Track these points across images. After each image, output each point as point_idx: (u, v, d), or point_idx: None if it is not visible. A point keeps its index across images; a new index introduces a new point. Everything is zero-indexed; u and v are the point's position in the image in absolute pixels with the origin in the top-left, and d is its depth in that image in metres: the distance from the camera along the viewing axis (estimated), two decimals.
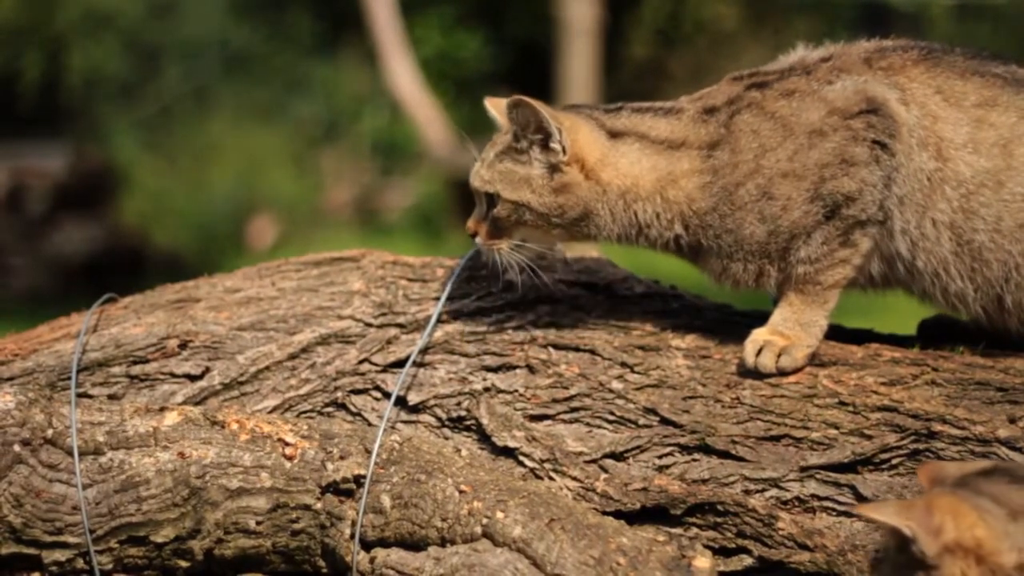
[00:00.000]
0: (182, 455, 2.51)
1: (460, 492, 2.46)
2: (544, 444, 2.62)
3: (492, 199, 2.73)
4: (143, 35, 12.72)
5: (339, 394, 2.74)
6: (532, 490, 2.47)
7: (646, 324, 2.81)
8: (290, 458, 2.52)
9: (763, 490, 2.55)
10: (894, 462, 2.54)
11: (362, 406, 2.73)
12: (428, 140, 12.62)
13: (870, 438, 2.55)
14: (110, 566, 2.51)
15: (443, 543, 2.43)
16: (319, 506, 2.50)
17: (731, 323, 2.82)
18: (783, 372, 2.65)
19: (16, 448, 2.49)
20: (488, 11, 14.24)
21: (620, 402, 2.66)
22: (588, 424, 2.66)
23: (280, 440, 2.54)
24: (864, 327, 2.85)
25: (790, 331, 2.68)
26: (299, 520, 2.50)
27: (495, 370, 2.74)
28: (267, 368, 2.75)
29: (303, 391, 2.74)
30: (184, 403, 2.70)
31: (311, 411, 2.73)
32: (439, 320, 2.79)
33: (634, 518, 2.53)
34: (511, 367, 2.73)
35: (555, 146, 2.68)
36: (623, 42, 14.22)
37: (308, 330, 2.79)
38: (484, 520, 2.41)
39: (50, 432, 2.52)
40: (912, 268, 2.68)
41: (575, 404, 2.67)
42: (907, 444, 2.54)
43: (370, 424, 2.69)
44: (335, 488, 2.50)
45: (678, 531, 2.53)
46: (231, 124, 12.41)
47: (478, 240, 2.77)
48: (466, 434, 2.68)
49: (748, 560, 2.52)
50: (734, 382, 2.67)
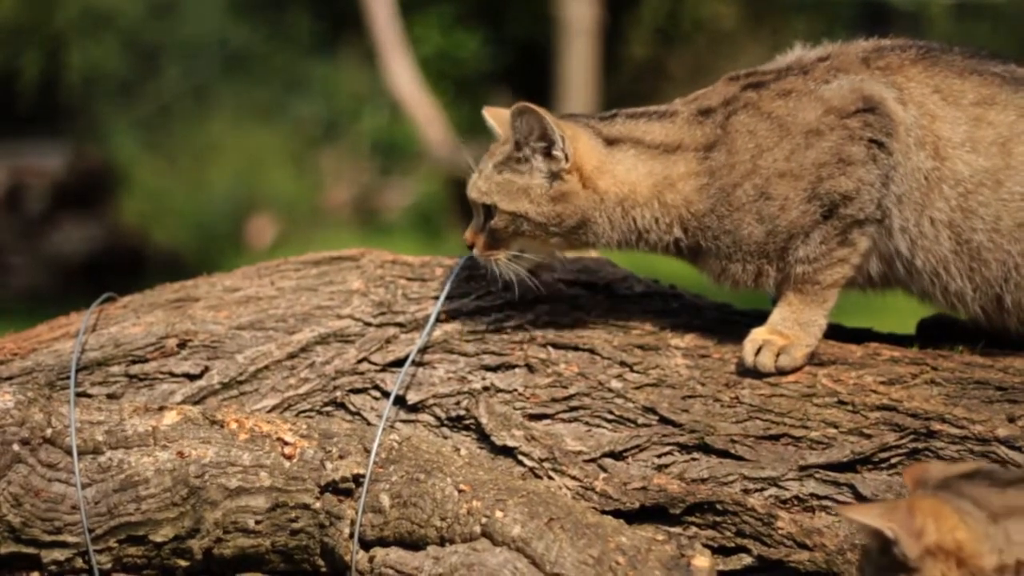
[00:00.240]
0: (181, 454, 2.51)
1: (459, 491, 2.46)
2: (543, 443, 2.62)
3: (489, 210, 2.72)
4: (142, 34, 12.70)
5: (338, 393, 2.74)
6: (531, 489, 2.47)
7: (645, 323, 2.81)
8: (289, 457, 2.52)
9: (762, 489, 2.55)
10: (893, 461, 2.53)
11: (361, 405, 2.73)
12: (427, 140, 12.62)
13: (869, 437, 2.55)
14: (109, 565, 2.51)
15: (442, 542, 2.43)
16: (318, 505, 2.50)
17: (730, 322, 2.82)
18: (782, 371, 2.65)
19: (15, 447, 2.49)
20: (487, 11, 14.23)
21: (619, 401, 2.66)
22: (587, 423, 2.65)
23: (279, 439, 2.54)
24: (863, 326, 2.85)
25: (789, 330, 2.67)
26: (298, 519, 2.50)
27: (494, 369, 2.74)
28: (266, 367, 2.75)
29: (302, 390, 2.74)
30: (183, 402, 2.70)
31: (310, 410, 2.73)
32: (438, 319, 2.79)
33: (633, 517, 2.53)
34: (510, 366, 2.73)
35: (558, 154, 2.67)
36: (622, 42, 14.22)
37: (307, 329, 2.79)
38: (483, 519, 2.41)
39: (49, 431, 2.51)
40: (911, 267, 2.68)
41: (574, 403, 2.67)
42: (906, 443, 2.54)
43: (369, 423, 2.69)
44: (334, 487, 2.50)
45: (677, 530, 2.53)
46: (230, 123, 12.39)
47: (475, 251, 2.76)
48: (465, 433, 2.68)
49: (747, 559, 2.52)
50: (733, 381, 2.66)
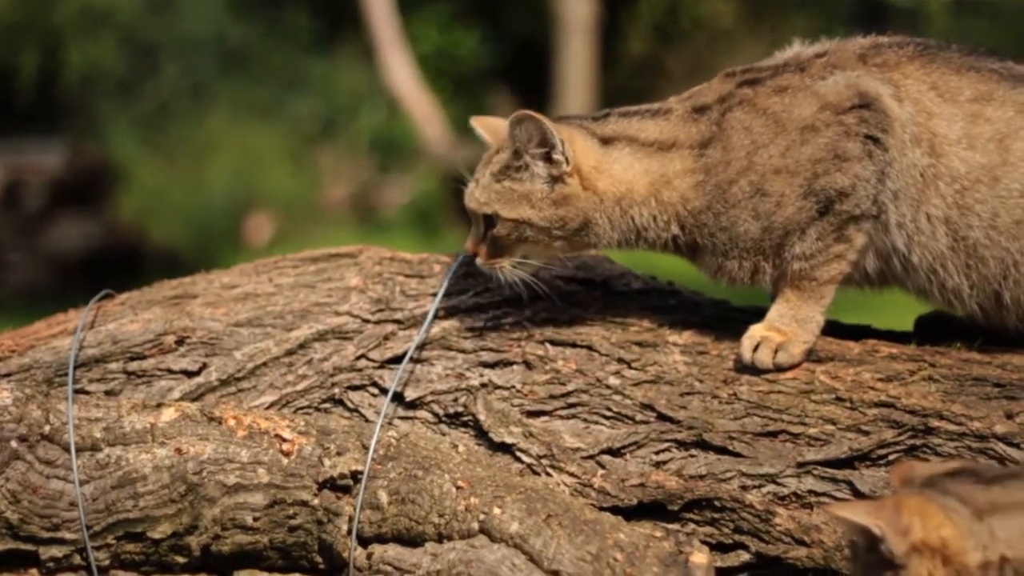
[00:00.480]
0: (179, 451, 2.51)
1: (457, 488, 2.46)
2: (541, 440, 2.62)
3: (490, 219, 2.72)
4: (141, 32, 12.70)
5: (336, 390, 2.74)
6: (529, 486, 2.47)
7: (643, 320, 2.81)
8: (287, 454, 2.52)
9: (760, 486, 2.55)
10: (891, 458, 2.53)
11: (359, 402, 2.73)
12: (425, 137, 12.63)
13: (867, 434, 2.55)
14: (107, 562, 2.51)
15: (440, 539, 2.43)
16: (316, 502, 2.50)
17: (728, 319, 2.82)
18: (780, 368, 2.65)
19: (13, 444, 2.49)
20: (485, 8, 14.24)
21: (617, 398, 2.66)
22: (585, 420, 2.65)
23: (277, 436, 2.54)
24: (861, 323, 2.85)
25: (787, 327, 2.67)
26: (296, 516, 2.50)
27: (492, 366, 2.73)
28: (264, 364, 2.75)
29: (300, 387, 2.74)
30: (181, 399, 2.70)
31: (308, 407, 2.73)
32: (436, 316, 2.79)
33: (631, 514, 2.53)
34: (508, 363, 2.73)
35: (558, 157, 2.67)
36: (620, 39, 14.23)
37: (305, 326, 2.79)
38: (481, 516, 2.41)
39: (47, 428, 2.51)
40: (908, 263, 2.68)
41: (572, 400, 2.67)
42: (904, 440, 2.54)
43: (367, 420, 2.69)
44: (332, 484, 2.50)
45: (675, 527, 2.53)
46: (229, 121, 12.39)
47: (479, 261, 2.75)
48: (463, 430, 2.68)
49: (745, 556, 2.52)
50: (731, 378, 2.66)
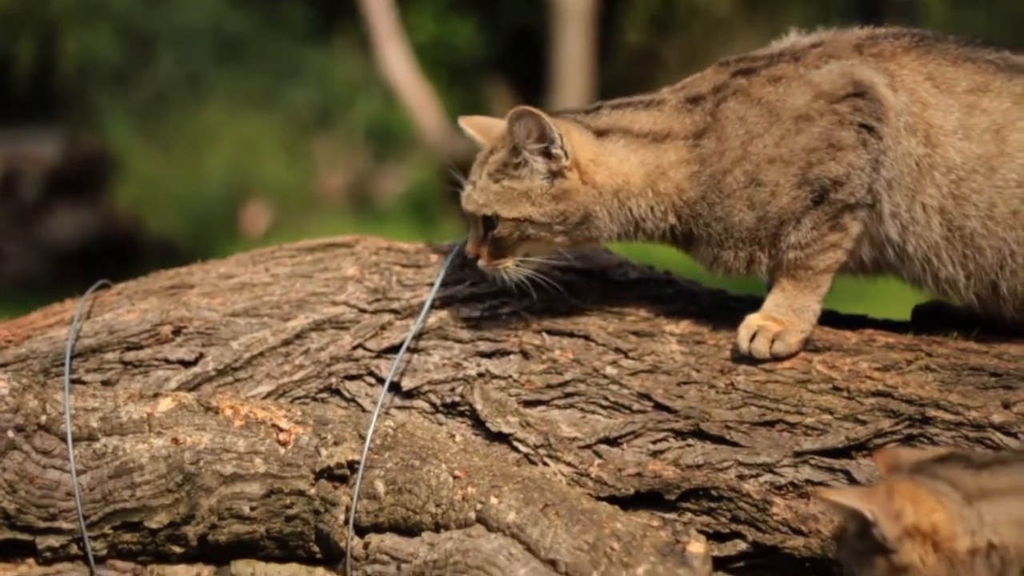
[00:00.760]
0: (176, 441, 2.51)
1: (454, 478, 2.46)
2: (538, 430, 2.62)
3: (490, 221, 2.71)
4: (137, 21, 12.68)
5: (333, 380, 2.73)
6: (526, 475, 2.47)
7: (640, 310, 2.81)
8: (284, 444, 2.52)
9: (757, 475, 2.55)
10: (888, 447, 2.53)
11: (356, 392, 2.73)
12: (421, 126, 12.61)
13: (864, 423, 2.55)
14: (104, 552, 2.51)
15: (437, 528, 2.43)
16: (313, 492, 2.50)
17: (725, 309, 2.82)
18: (777, 357, 2.65)
19: (10, 434, 2.49)
20: None
21: (614, 387, 2.66)
22: (582, 409, 2.65)
23: (274, 426, 2.54)
24: (858, 313, 2.85)
25: (783, 316, 2.67)
26: (293, 506, 2.50)
27: (489, 356, 2.73)
28: (261, 354, 2.75)
29: (297, 377, 2.74)
30: (178, 389, 2.70)
31: (305, 397, 2.73)
32: (433, 306, 2.79)
33: (628, 503, 2.53)
34: (505, 353, 2.73)
35: (557, 152, 2.66)
36: (617, 29, 14.21)
37: (302, 316, 2.79)
38: (478, 505, 2.41)
39: (44, 418, 2.51)
40: (902, 253, 2.68)
41: (569, 390, 2.67)
42: (901, 429, 2.54)
43: (364, 410, 2.69)
44: (329, 474, 2.50)
45: (672, 516, 2.53)
46: (225, 111, 12.38)
47: (481, 263, 2.74)
48: (460, 420, 2.68)
49: (742, 545, 2.53)
50: (728, 368, 2.66)
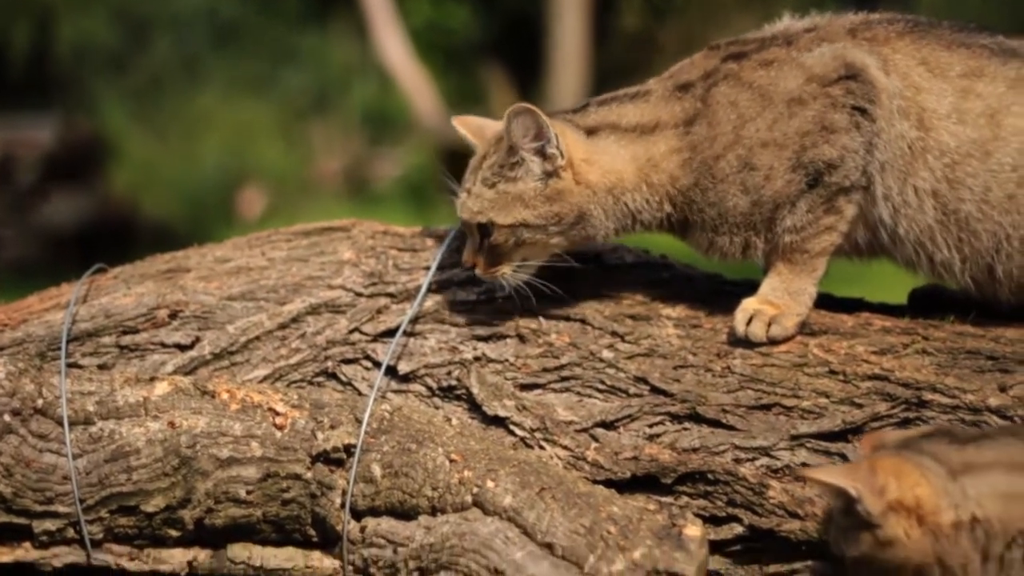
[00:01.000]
0: (172, 425, 2.51)
1: (451, 461, 2.46)
2: (534, 413, 2.62)
3: (485, 228, 2.70)
4: (132, 6, 12.64)
5: (329, 364, 2.73)
6: (523, 459, 2.48)
7: (636, 294, 2.80)
8: (280, 427, 2.52)
9: (753, 459, 2.55)
10: (883, 431, 2.54)
11: (352, 375, 2.73)
12: (418, 110, 12.59)
13: (860, 407, 2.55)
14: (100, 535, 2.51)
15: (433, 512, 2.43)
16: (309, 475, 2.50)
17: (721, 292, 2.82)
18: (773, 341, 2.65)
19: (6, 418, 2.49)
20: None
21: (611, 371, 2.66)
22: (579, 393, 2.66)
23: (270, 410, 2.54)
24: (855, 296, 2.85)
25: (779, 300, 2.67)
26: (289, 489, 2.50)
27: (485, 339, 2.73)
28: (257, 338, 2.75)
29: (293, 361, 2.73)
30: (174, 373, 2.70)
31: (301, 381, 2.73)
32: (429, 289, 2.79)
33: (625, 487, 2.53)
34: (501, 336, 2.73)
35: (553, 151, 2.65)
36: (614, 13, 14.17)
37: (298, 300, 2.79)
38: (474, 489, 2.41)
39: (40, 402, 2.51)
40: (895, 235, 2.68)
41: (565, 373, 2.67)
42: (898, 413, 2.54)
43: (360, 393, 2.69)
44: (325, 457, 2.50)
45: (669, 500, 2.53)
46: (221, 95, 12.35)
47: (478, 272, 2.73)
48: (456, 403, 2.68)
49: (739, 528, 2.53)
50: (724, 351, 2.67)
